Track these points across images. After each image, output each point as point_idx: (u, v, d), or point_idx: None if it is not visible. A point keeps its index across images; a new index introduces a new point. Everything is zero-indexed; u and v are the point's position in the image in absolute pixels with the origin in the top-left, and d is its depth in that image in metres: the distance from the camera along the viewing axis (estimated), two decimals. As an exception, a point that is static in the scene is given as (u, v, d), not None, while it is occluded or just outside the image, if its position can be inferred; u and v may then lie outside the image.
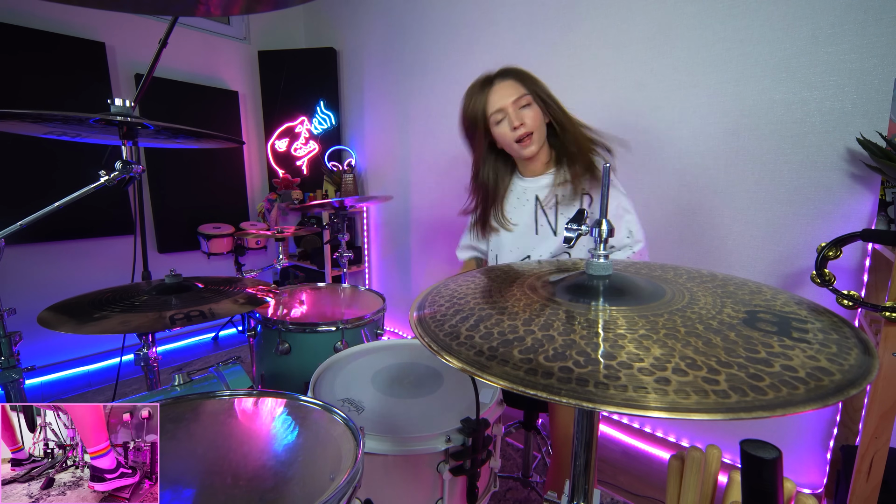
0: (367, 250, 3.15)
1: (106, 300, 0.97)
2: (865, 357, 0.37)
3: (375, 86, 2.87)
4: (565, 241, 0.61)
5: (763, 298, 0.51)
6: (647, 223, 1.73)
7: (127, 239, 2.58)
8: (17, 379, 0.91)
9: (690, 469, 0.69)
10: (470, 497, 0.85)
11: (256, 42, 3.12)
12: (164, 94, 2.65)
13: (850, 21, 1.28)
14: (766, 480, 0.36)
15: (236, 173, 3.07)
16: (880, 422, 0.94)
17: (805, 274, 1.44)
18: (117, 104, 1.01)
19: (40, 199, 0.91)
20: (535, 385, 0.35)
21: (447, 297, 0.56)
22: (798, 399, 0.32)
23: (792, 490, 0.62)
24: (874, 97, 1.27)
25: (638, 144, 1.74)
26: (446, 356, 0.40)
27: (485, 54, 2.22)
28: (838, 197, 1.35)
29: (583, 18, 1.85)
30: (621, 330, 0.42)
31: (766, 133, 1.46)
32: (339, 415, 0.71)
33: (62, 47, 2.27)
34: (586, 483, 0.54)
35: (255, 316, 1.41)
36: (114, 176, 0.98)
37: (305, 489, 0.56)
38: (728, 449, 1.58)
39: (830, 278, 0.61)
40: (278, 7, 0.63)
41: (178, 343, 2.90)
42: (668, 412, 0.31)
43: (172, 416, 0.72)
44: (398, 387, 0.99)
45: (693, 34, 1.57)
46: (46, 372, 2.39)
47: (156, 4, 0.83)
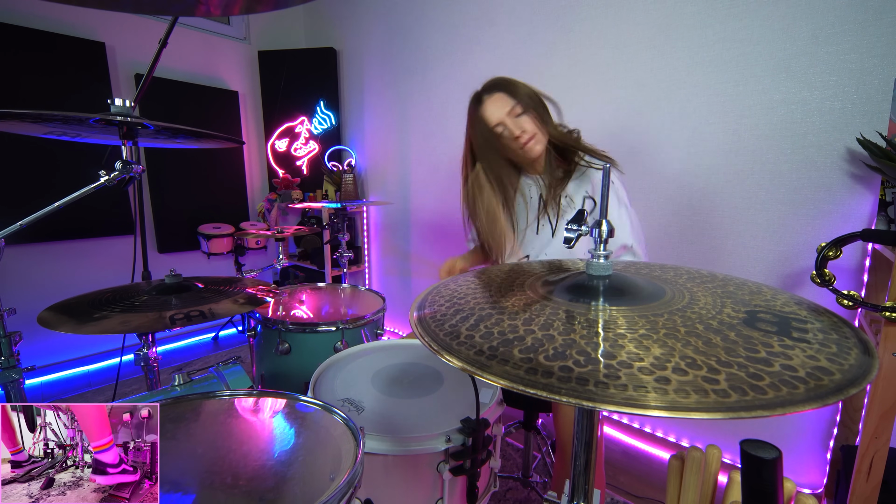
0: (367, 250, 3.15)
1: (106, 300, 0.97)
2: (865, 357, 0.37)
3: (375, 86, 2.87)
4: (565, 242, 0.61)
5: (763, 298, 0.51)
6: (647, 223, 1.74)
7: (127, 239, 2.58)
8: (17, 379, 0.91)
9: (690, 469, 0.69)
10: (470, 497, 0.85)
11: (256, 42, 3.12)
12: (164, 94, 2.65)
13: (850, 21, 1.28)
14: (766, 480, 0.36)
15: (236, 173, 3.07)
16: (880, 422, 0.94)
17: (805, 274, 1.44)
18: (117, 104, 1.01)
19: (40, 199, 0.91)
20: (535, 384, 0.35)
21: (447, 297, 0.56)
22: (798, 399, 0.32)
23: (792, 490, 0.62)
24: (874, 97, 1.27)
25: (638, 144, 1.74)
26: (446, 356, 0.40)
27: (485, 54, 2.22)
28: (838, 197, 1.35)
29: (583, 19, 1.85)
30: (621, 329, 0.42)
31: (766, 133, 1.46)
32: (339, 415, 0.71)
33: (62, 47, 2.27)
34: (586, 483, 0.54)
35: (255, 316, 1.41)
36: (114, 176, 0.98)
37: (305, 489, 0.56)
38: (728, 449, 1.58)
39: (830, 278, 0.61)
40: (278, 7, 0.63)
41: (178, 343, 2.90)
42: (668, 411, 0.31)
43: (172, 416, 0.72)
44: (398, 387, 0.99)
45: (693, 34, 1.57)
46: (46, 372, 2.39)
47: (156, 4, 0.82)
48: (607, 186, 0.56)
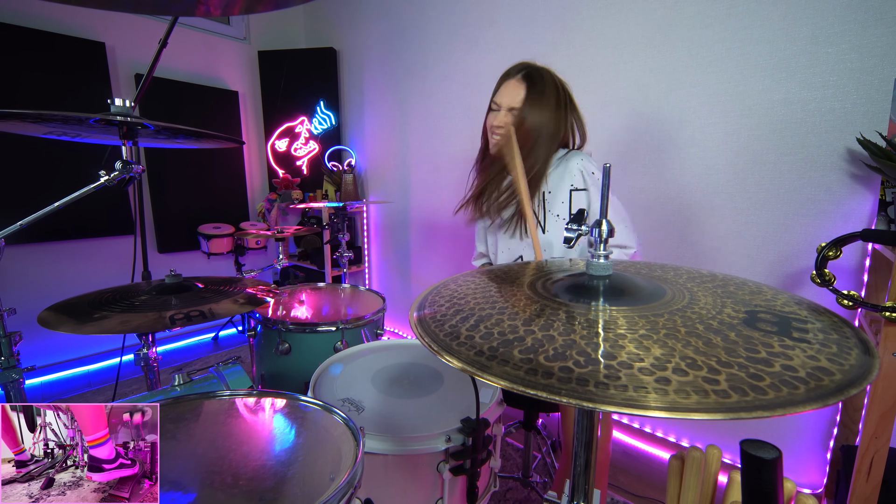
0: (367, 250, 3.15)
1: (106, 300, 0.97)
2: (865, 357, 0.37)
3: (375, 86, 2.87)
4: (565, 242, 0.61)
5: (763, 298, 0.51)
6: (647, 223, 1.74)
7: (127, 239, 2.58)
8: (17, 379, 0.91)
9: (690, 469, 0.69)
10: (470, 497, 0.85)
11: (256, 42, 3.12)
12: (164, 94, 2.64)
13: (850, 21, 1.28)
14: (766, 480, 0.36)
15: (236, 173, 3.07)
16: (880, 422, 0.94)
17: (805, 274, 1.44)
18: (117, 104, 1.01)
19: (40, 199, 0.91)
20: (535, 385, 0.35)
21: (447, 297, 0.56)
22: (798, 399, 0.32)
23: (792, 490, 0.62)
24: (874, 97, 1.27)
25: (638, 144, 1.74)
26: (446, 356, 0.40)
27: (485, 54, 2.22)
28: (838, 197, 1.35)
29: (583, 18, 1.85)
30: (621, 330, 0.42)
31: (766, 133, 1.46)
32: (339, 415, 0.71)
33: (62, 47, 2.26)
34: (586, 483, 0.54)
35: (255, 316, 1.41)
36: (114, 176, 0.98)
37: (305, 489, 0.56)
38: (728, 449, 1.58)
39: (830, 278, 0.61)
40: (278, 7, 0.63)
41: (178, 343, 2.90)
42: (669, 412, 0.31)
43: (172, 416, 0.72)
44: (398, 387, 0.99)
45: (693, 34, 1.57)
46: (46, 372, 2.39)
47: (156, 4, 0.82)
48: (607, 186, 0.55)
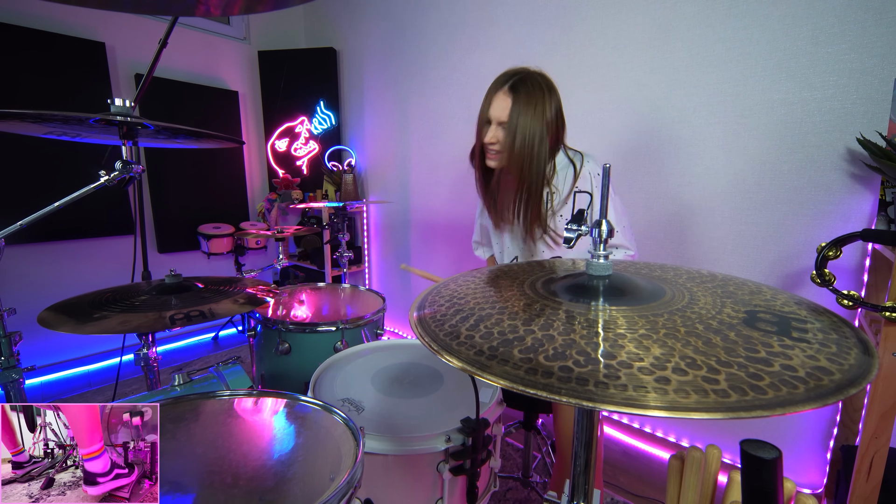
0: (367, 250, 3.15)
1: (106, 300, 0.97)
2: (865, 357, 0.37)
3: (375, 86, 2.87)
4: (565, 242, 0.61)
5: (763, 298, 0.51)
6: (647, 223, 1.74)
7: (127, 239, 2.58)
8: (17, 379, 0.91)
9: (690, 469, 0.69)
10: (470, 497, 0.85)
11: (256, 42, 3.12)
12: (164, 94, 2.64)
13: (850, 21, 1.28)
14: (766, 480, 0.36)
15: (236, 173, 3.07)
16: (880, 422, 0.94)
17: (805, 274, 1.44)
18: (117, 104, 1.01)
19: (40, 199, 0.91)
20: (535, 384, 0.35)
21: (447, 297, 0.56)
22: (798, 398, 0.32)
23: (792, 490, 0.62)
24: (874, 97, 1.27)
25: (638, 144, 1.74)
26: (446, 356, 0.40)
27: (485, 54, 2.22)
28: (838, 197, 1.35)
29: (583, 18, 1.85)
30: (621, 330, 0.42)
31: (766, 133, 1.46)
32: (339, 415, 0.71)
33: (62, 47, 2.26)
34: (586, 483, 0.54)
35: (255, 316, 1.41)
36: (114, 176, 0.98)
37: (305, 489, 0.56)
38: (728, 449, 1.58)
39: (830, 278, 0.61)
40: (278, 7, 0.63)
41: (178, 343, 2.90)
42: (668, 411, 0.31)
43: (172, 416, 0.72)
44: (398, 387, 0.99)
45: (693, 34, 1.57)
46: (46, 372, 2.39)
47: (156, 4, 0.82)
48: (607, 186, 0.56)
